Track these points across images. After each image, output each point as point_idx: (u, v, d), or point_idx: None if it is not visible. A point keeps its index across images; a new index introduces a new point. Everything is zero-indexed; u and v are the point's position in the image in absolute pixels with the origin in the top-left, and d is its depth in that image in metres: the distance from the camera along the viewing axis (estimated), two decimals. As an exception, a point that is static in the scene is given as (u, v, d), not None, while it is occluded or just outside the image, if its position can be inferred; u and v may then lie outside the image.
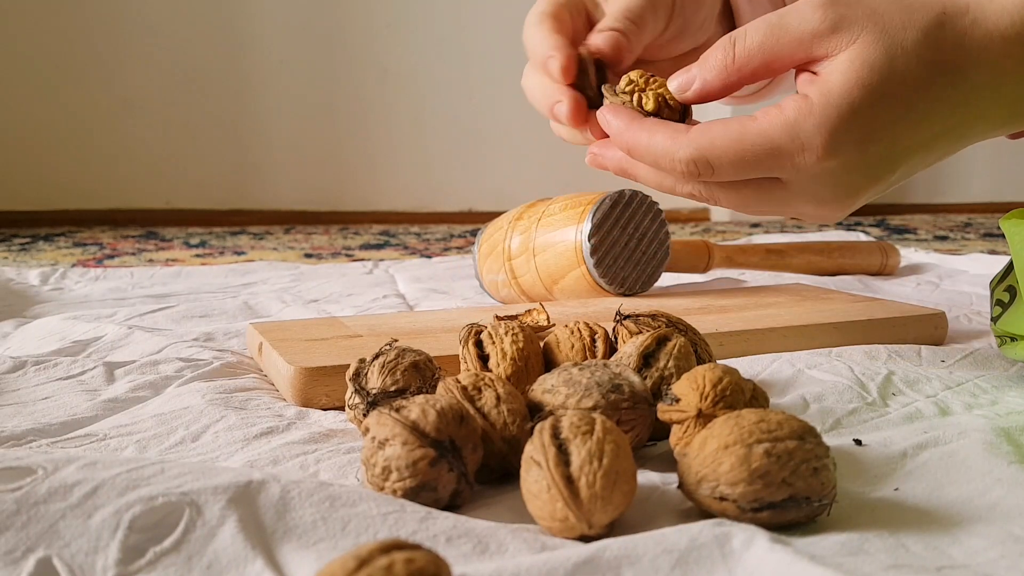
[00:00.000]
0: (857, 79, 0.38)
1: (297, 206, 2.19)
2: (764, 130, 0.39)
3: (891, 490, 0.35)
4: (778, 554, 0.28)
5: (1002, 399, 0.47)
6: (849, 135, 0.39)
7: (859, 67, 0.39)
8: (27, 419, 0.44)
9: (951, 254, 1.16)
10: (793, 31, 0.40)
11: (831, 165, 0.39)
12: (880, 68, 0.38)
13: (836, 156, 0.39)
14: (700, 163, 0.41)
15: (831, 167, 0.40)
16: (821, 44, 0.39)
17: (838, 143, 0.39)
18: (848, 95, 0.38)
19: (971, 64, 0.39)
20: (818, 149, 0.39)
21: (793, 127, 0.39)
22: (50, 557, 0.28)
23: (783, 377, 0.51)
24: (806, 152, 0.39)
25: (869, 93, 0.38)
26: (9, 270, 1.01)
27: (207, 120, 2.15)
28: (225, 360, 0.55)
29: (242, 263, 1.16)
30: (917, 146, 0.41)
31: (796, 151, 0.39)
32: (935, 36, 0.39)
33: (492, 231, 0.78)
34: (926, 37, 0.39)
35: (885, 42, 0.39)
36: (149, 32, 2.09)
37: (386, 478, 0.33)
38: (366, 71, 2.22)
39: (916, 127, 0.40)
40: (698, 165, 0.41)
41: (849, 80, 0.39)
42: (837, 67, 0.39)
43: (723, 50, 0.41)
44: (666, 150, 0.41)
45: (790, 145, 0.39)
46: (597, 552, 0.28)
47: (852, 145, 0.39)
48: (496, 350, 0.44)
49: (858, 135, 0.39)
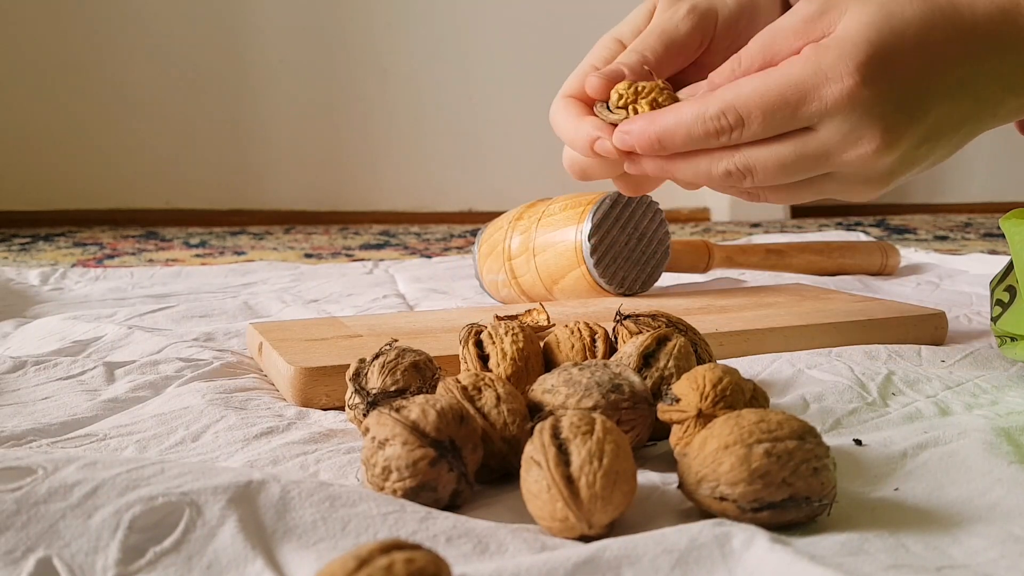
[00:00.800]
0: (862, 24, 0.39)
1: (297, 206, 2.19)
2: (786, 70, 0.40)
3: (891, 490, 0.35)
4: (778, 554, 0.28)
5: (1002, 399, 0.47)
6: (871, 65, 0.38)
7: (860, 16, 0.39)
8: (27, 419, 0.44)
9: (951, 254, 1.16)
10: (787, 26, 0.41)
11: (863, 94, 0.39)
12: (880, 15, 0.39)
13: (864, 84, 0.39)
14: (730, 114, 0.40)
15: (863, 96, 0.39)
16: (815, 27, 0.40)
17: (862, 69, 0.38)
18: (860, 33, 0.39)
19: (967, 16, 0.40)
20: (844, 77, 0.39)
21: (814, 61, 0.39)
22: (50, 557, 0.28)
23: (783, 377, 0.51)
24: (831, 82, 0.39)
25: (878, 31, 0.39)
26: (9, 270, 1.01)
27: (207, 120, 2.15)
28: (225, 360, 0.55)
29: (242, 263, 1.16)
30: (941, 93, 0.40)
31: (821, 82, 0.39)
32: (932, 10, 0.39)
33: (492, 231, 0.78)
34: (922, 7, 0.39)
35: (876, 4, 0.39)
36: (149, 32, 2.09)
37: (386, 478, 0.33)
38: (366, 71, 2.22)
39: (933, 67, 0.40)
40: (728, 116, 0.40)
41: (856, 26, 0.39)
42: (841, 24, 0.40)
43: (729, 63, 0.42)
44: (696, 113, 0.41)
45: (814, 78, 0.39)
46: (597, 552, 0.28)
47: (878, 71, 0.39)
48: (496, 350, 0.44)
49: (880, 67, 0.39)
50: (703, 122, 0.41)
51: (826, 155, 0.41)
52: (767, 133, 0.41)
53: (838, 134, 0.40)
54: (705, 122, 0.41)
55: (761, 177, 0.42)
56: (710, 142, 0.42)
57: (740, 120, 0.40)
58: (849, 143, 0.40)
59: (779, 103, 0.40)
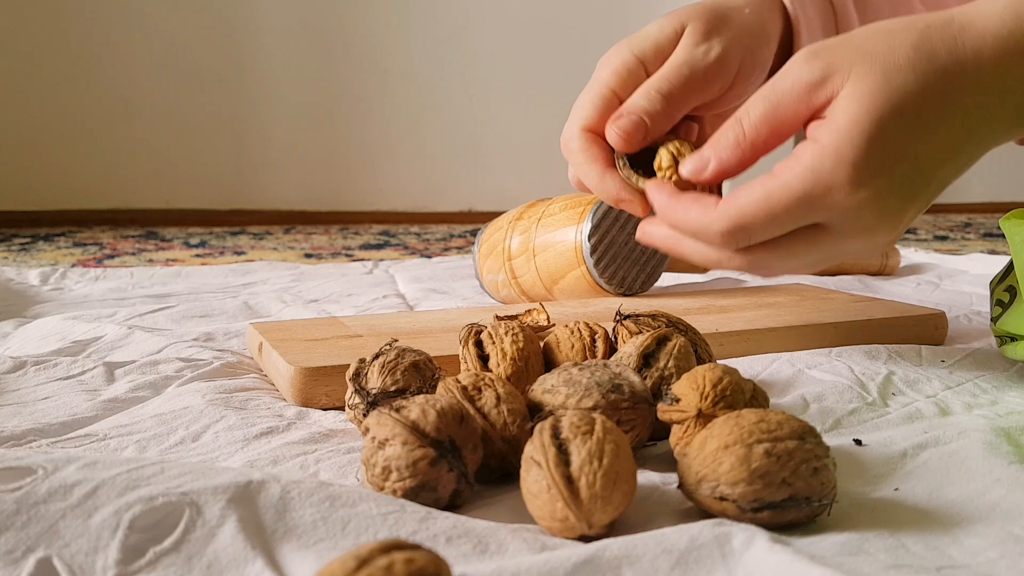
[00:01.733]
0: (861, 108, 0.39)
1: (297, 206, 2.19)
2: (787, 183, 0.39)
3: (891, 490, 0.35)
4: (778, 554, 0.28)
5: (1002, 399, 0.47)
6: (871, 163, 0.39)
7: (860, 97, 0.39)
8: (27, 419, 0.44)
9: (951, 254, 1.16)
10: (789, 92, 0.41)
11: (863, 196, 0.39)
12: (880, 90, 0.39)
13: (865, 186, 0.39)
14: (736, 232, 0.41)
15: (864, 198, 0.39)
16: (819, 93, 0.40)
17: (862, 173, 0.39)
18: (857, 125, 0.39)
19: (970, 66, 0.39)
20: (845, 185, 0.39)
21: (814, 171, 0.39)
22: (50, 557, 0.28)
23: (783, 377, 0.51)
24: (833, 191, 0.39)
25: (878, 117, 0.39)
26: (9, 270, 1.01)
27: (207, 120, 2.15)
28: (225, 360, 0.55)
29: (242, 263, 1.16)
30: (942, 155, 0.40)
31: (824, 193, 0.39)
32: (925, 49, 0.39)
33: (492, 231, 0.78)
34: (916, 51, 0.39)
35: (878, 68, 0.39)
36: (150, 32, 2.09)
37: (386, 478, 0.33)
38: (366, 72, 2.22)
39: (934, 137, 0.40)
40: (735, 235, 0.41)
41: (854, 112, 0.39)
42: (840, 105, 0.39)
43: (732, 129, 0.42)
44: (702, 226, 0.42)
45: (816, 189, 0.39)
46: (597, 552, 0.28)
47: (877, 171, 0.39)
48: (496, 350, 0.44)
49: (880, 160, 0.39)
50: (708, 236, 0.42)
51: (835, 245, 0.42)
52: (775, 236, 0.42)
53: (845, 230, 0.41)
54: (712, 237, 0.42)
55: (776, 270, 0.44)
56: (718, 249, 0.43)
57: (746, 235, 0.41)
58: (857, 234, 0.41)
59: (785, 217, 0.40)
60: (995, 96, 0.40)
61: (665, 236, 0.45)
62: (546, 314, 0.54)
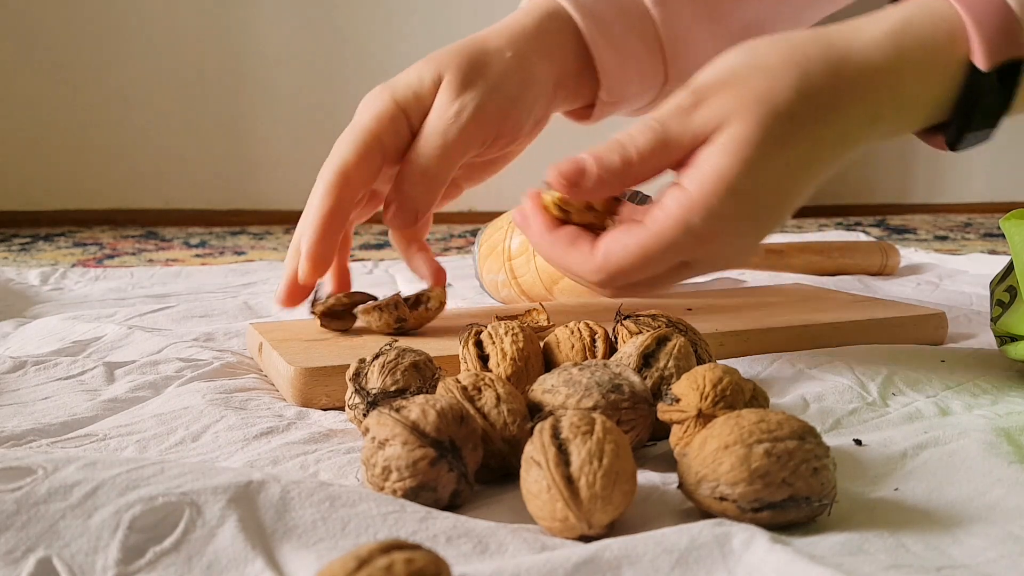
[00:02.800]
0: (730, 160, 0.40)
1: (297, 206, 2.17)
2: (659, 233, 0.41)
3: (891, 490, 0.35)
4: (778, 554, 0.28)
5: (1002, 399, 0.47)
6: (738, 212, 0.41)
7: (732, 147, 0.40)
8: (27, 419, 0.44)
9: (951, 254, 1.16)
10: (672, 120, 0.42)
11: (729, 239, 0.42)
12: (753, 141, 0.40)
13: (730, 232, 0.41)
14: (614, 277, 0.43)
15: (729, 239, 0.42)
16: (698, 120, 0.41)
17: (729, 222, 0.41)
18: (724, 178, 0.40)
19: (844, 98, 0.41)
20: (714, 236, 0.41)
21: (684, 223, 0.41)
22: (50, 557, 0.28)
23: (783, 377, 0.51)
24: (704, 241, 0.41)
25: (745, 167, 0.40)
26: (9, 270, 1.01)
27: (207, 120, 2.15)
28: (225, 360, 0.55)
29: (242, 263, 1.16)
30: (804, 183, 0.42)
31: (694, 242, 0.41)
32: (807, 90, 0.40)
33: (492, 231, 0.78)
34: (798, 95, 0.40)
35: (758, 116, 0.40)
36: (149, 32, 2.09)
37: (386, 478, 0.33)
38: (366, 71, 2.22)
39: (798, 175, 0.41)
40: (612, 280, 0.43)
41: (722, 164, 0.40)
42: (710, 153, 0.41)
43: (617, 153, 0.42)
44: (580, 271, 0.44)
45: (686, 239, 0.41)
46: (597, 552, 0.28)
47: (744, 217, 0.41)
48: (496, 350, 0.44)
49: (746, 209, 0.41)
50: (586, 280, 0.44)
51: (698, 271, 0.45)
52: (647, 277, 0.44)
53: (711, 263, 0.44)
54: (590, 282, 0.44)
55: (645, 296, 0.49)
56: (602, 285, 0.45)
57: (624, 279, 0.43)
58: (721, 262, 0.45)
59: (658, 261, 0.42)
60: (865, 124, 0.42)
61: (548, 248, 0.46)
62: (546, 314, 0.54)
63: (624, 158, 0.42)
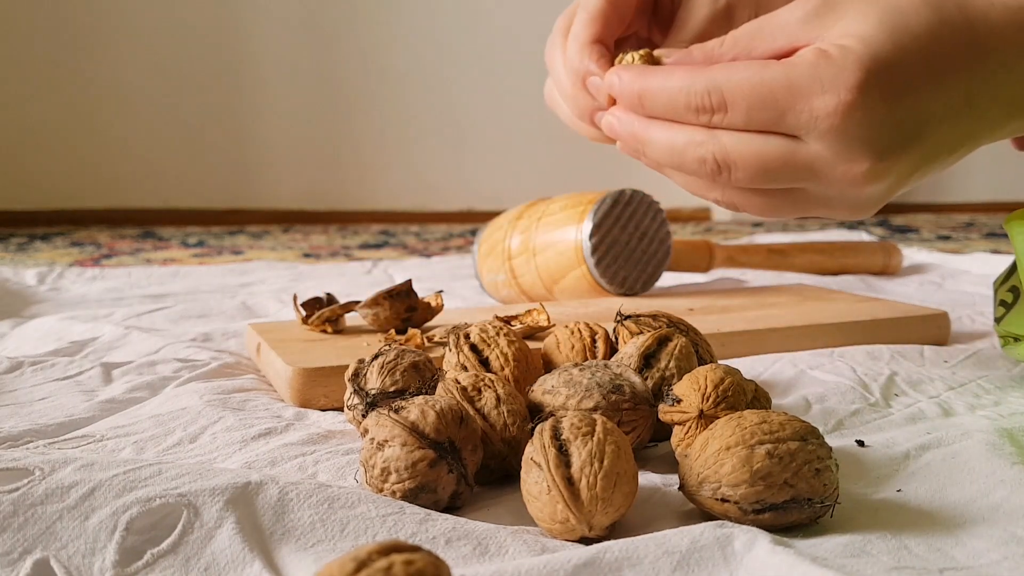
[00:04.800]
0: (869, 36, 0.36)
1: (295, 205, 2.19)
2: (783, 69, 0.37)
3: (894, 491, 0.35)
4: (780, 556, 0.28)
5: (1005, 400, 0.47)
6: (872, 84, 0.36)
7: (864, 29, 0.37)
8: (24, 420, 0.44)
9: (954, 254, 1.16)
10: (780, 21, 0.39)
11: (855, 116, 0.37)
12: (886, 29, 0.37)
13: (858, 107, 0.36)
14: (715, 94, 0.38)
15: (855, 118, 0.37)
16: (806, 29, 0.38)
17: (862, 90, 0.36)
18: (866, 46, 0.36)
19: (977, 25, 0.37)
20: (840, 91, 0.36)
21: (813, 68, 0.36)
22: (47, 558, 0.28)
23: (785, 378, 0.51)
24: (826, 94, 0.36)
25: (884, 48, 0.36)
26: (6, 270, 1.01)
27: (205, 119, 2.15)
28: (223, 361, 0.55)
29: (240, 263, 1.16)
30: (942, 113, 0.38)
31: (816, 93, 0.36)
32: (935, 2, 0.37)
33: (492, 231, 0.78)
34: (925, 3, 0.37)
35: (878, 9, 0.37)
36: (147, 31, 2.09)
37: (385, 479, 0.33)
38: (365, 70, 2.22)
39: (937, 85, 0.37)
40: (712, 97, 0.38)
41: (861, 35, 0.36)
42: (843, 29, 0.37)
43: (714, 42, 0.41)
44: (682, 83, 0.39)
45: (810, 86, 0.37)
46: (598, 554, 0.28)
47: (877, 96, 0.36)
48: (497, 353, 0.43)
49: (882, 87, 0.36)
50: (687, 94, 0.39)
51: (811, 168, 0.39)
52: (749, 127, 0.39)
53: (828, 151, 0.38)
54: (689, 95, 0.39)
55: (740, 175, 0.40)
56: (689, 116, 0.40)
57: (723, 104, 0.38)
58: (838, 163, 0.38)
59: (768, 100, 0.37)
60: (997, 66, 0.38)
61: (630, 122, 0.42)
62: (546, 314, 0.54)
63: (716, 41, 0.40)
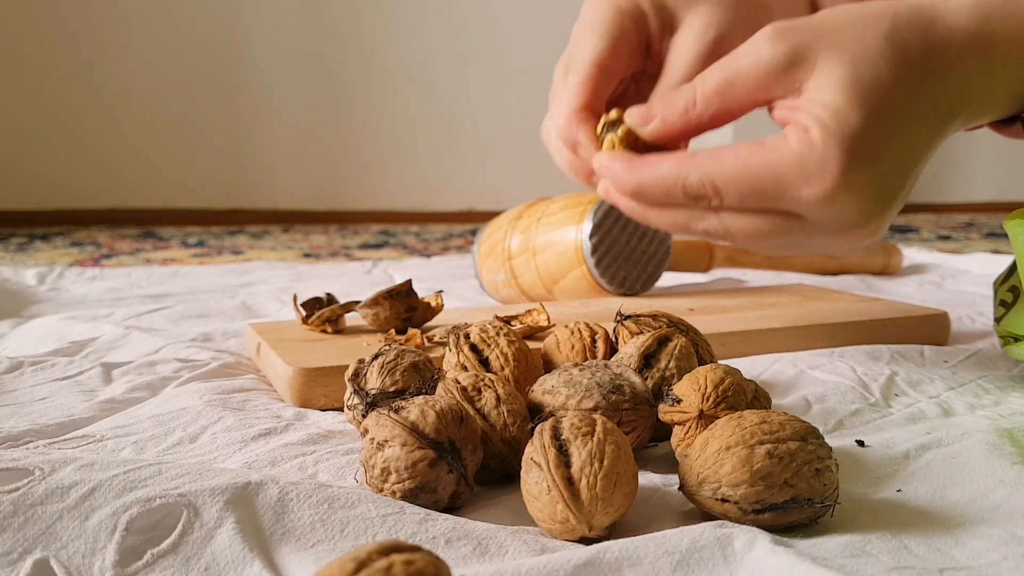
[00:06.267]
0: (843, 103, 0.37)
1: (295, 205, 2.19)
2: (771, 160, 0.38)
3: (894, 491, 0.35)
4: (780, 556, 0.28)
5: (1005, 400, 0.47)
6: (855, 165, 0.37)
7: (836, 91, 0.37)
8: (24, 420, 0.44)
9: (954, 254, 1.16)
10: (748, 73, 0.39)
11: (842, 198, 0.38)
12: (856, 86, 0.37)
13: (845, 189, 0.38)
14: (708, 186, 0.39)
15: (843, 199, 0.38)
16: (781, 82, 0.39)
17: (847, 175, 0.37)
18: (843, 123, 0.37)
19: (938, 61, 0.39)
20: (825, 183, 0.37)
21: (799, 160, 0.37)
22: (47, 558, 0.28)
23: (785, 378, 0.51)
24: (814, 184, 0.38)
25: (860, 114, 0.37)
26: (6, 270, 1.01)
27: (205, 119, 2.15)
28: (223, 361, 0.55)
29: (240, 263, 1.16)
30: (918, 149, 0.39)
31: (802, 184, 0.38)
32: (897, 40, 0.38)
33: (492, 231, 0.78)
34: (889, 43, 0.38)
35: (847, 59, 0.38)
36: (146, 31, 2.09)
37: (385, 479, 0.33)
38: (365, 70, 2.22)
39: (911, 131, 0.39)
40: (707, 187, 0.39)
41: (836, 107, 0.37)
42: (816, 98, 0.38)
43: (684, 94, 0.41)
44: (675, 175, 0.40)
45: (796, 178, 0.38)
46: (598, 554, 0.28)
47: (861, 173, 0.38)
48: (497, 353, 0.43)
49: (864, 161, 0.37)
50: (682, 186, 0.40)
51: (808, 234, 0.40)
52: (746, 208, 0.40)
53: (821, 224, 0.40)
54: (684, 186, 0.40)
55: (740, 241, 0.42)
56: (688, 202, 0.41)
57: (718, 193, 0.39)
58: (831, 231, 0.40)
59: (758, 191, 0.38)
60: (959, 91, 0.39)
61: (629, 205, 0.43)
62: (546, 314, 0.54)
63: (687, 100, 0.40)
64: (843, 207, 0.38)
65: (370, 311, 0.55)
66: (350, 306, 0.56)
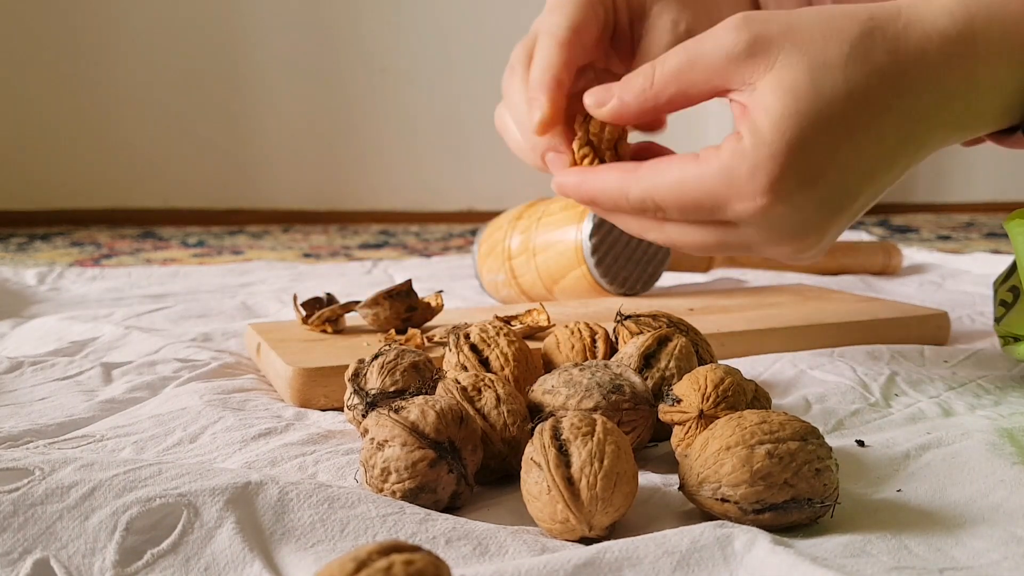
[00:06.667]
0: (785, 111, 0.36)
1: (295, 205, 2.19)
2: (702, 175, 0.37)
3: (894, 491, 0.35)
4: (780, 556, 0.28)
5: (1005, 400, 0.47)
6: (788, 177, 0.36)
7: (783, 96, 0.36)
8: (24, 420, 0.44)
9: (954, 254, 1.16)
10: (707, 58, 0.38)
11: (777, 210, 0.37)
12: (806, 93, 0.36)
13: (779, 201, 0.37)
14: (649, 201, 0.39)
15: (778, 212, 0.37)
16: (737, 71, 0.37)
17: (778, 188, 0.36)
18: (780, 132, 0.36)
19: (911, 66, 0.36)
20: (756, 196, 0.36)
21: (728, 173, 0.37)
22: (47, 558, 0.28)
23: (785, 378, 0.51)
24: (744, 199, 0.37)
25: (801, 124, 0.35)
26: (6, 270, 1.01)
27: (205, 119, 2.15)
28: (223, 361, 0.55)
29: (240, 263, 1.16)
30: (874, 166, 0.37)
31: (733, 198, 0.37)
32: (863, 46, 0.36)
33: (492, 231, 0.78)
34: (852, 49, 0.36)
35: (806, 62, 0.36)
36: (146, 31, 2.09)
37: (385, 479, 0.33)
38: (364, 70, 2.22)
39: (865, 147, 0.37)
40: (647, 202, 0.39)
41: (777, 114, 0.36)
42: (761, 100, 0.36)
43: (642, 75, 0.40)
44: (620, 190, 0.40)
45: (727, 192, 0.37)
46: (598, 554, 0.28)
47: (795, 186, 0.36)
48: (497, 353, 0.43)
49: (800, 175, 0.36)
50: (627, 200, 0.40)
51: (749, 246, 0.40)
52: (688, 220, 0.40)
53: (759, 236, 0.39)
54: (629, 201, 0.40)
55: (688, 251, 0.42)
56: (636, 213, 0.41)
57: (659, 208, 0.39)
58: (771, 244, 0.39)
59: (694, 205, 0.38)
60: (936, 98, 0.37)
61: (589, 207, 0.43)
62: (546, 314, 0.54)
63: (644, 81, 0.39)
64: (778, 220, 0.38)
65: (370, 311, 0.55)
66: (350, 306, 0.56)
